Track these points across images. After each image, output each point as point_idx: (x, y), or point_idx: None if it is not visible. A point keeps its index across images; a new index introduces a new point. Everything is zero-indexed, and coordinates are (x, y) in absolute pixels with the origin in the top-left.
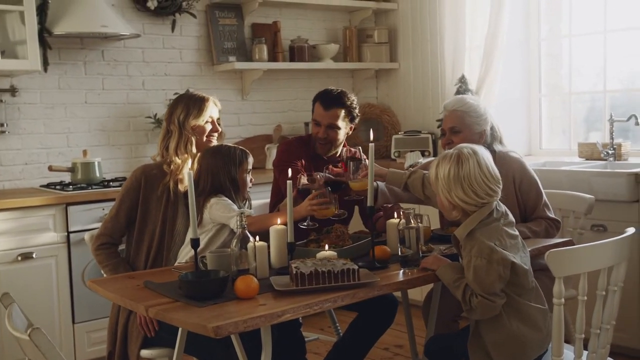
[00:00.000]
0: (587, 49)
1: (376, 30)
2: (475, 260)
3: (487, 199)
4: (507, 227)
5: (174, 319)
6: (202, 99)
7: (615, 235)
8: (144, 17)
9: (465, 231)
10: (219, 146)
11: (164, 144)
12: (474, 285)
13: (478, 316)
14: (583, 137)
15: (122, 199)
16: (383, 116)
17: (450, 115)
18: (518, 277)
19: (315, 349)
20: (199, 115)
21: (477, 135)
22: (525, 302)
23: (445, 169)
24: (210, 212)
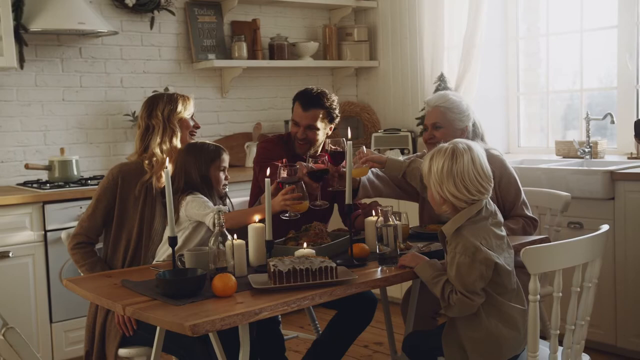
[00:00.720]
0: (564, 47)
1: (356, 29)
2: (459, 257)
3: (478, 195)
4: (495, 227)
5: (151, 318)
6: (183, 96)
7: (592, 233)
8: (122, 14)
9: (452, 227)
10: (193, 143)
11: (144, 142)
12: (455, 282)
13: (455, 313)
14: (561, 135)
15: (99, 198)
16: (363, 114)
17: (432, 111)
18: (500, 278)
19: (295, 346)
20: (184, 109)
21: (458, 131)
22: (506, 302)
23: (439, 163)
24: (187, 209)
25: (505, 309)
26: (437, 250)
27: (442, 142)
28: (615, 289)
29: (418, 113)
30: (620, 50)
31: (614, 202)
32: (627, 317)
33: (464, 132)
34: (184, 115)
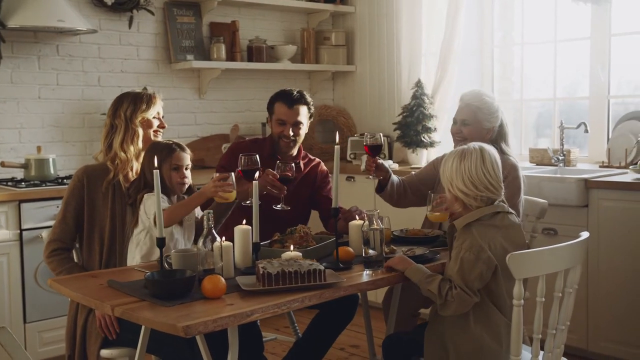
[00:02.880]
0: (538, 57)
1: (333, 33)
2: (464, 253)
3: (486, 192)
4: (506, 242)
5: (141, 319)
6: (149, 95)
7: (566, 239)
8: (101, 12)
9: (464, 222)
10: (153, 142)
11: (108, 141)
12: (456, 277)
13: (452, 311)
14: (532, 143)
15: (67, 201)
16: (339, 118)
17: (464, 107)
18: (497, 285)
19: (272, 349)
20: (148, 109)
21: (484, 130)
22: (496, 311)
23: (449, 163)
24: (145, 207)
25: (493, 319)
26: (421, 254)
27: (468, 139)
28: (588, 294)
29: (395, 118)
30: (592, 61)
31: (587, 210)
32: (599, 322)
33: (490, 132)
34: (147, 116)
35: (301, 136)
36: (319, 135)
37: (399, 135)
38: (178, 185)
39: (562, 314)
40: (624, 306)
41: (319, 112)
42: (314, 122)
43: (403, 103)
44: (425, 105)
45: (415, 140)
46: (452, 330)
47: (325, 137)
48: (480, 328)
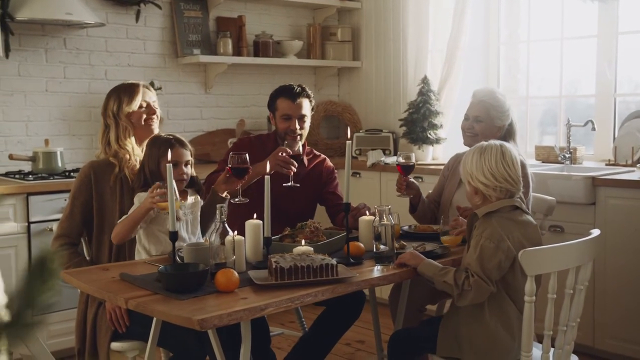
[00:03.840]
0: (544, 54)
1: (339, 29)
2: (485, 241)
3: (505, 184)
4: (523, 238)
5: (156, 312)
6: (131, 85)
7: (573, 237)
8: (108, 6)
9: (485, 210)
10: (154, 137)
11: (105, 140)
12: (475, 265)
13: (469, 300)
14: (537, 141)
15: (74, 196)
16: (344, 114)
17: (477, 104)
18: (514, 278)
19: (278, 343)
20: (131, 102)
21: (495, 128)
22: (511, 304)
23: (469, 158)
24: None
25: (507, 311)
26: (431, 250)
27: (479, 136)
28: (594, 292)
29: (400, 114)
30: (599, 59)
31: (594, 207)
32: (605, 319)
33: (500, 130)
34: (131, 109)
35: (306, 130)
36: (323, 131)
37: (405, 132)
38: (176, 181)
39: (573, 311)
40: (631, 303)
41: (325, 108)
42: (319, 118)
43: (409, 99)
44: (431, 101)
45: (421, 137)
46: (467, 321)
47: (330, 132)
48: (494, 321)
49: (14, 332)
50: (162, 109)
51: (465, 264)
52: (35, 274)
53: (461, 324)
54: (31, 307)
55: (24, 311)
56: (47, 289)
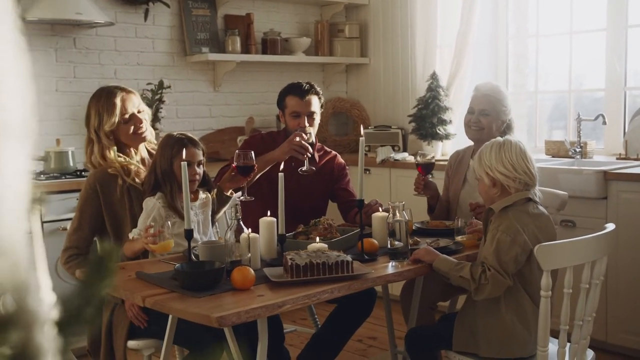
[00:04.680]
0: (553, 49)
1: (347, 25)
2: (501, 235)
3: (524, 177)
4: (537, 231)
5: (173, 309)
6: (109, 97)
7: (585, 231)
8: (117, 5)
9: (501, 205)
10: (167, 136)
11: (89, 151)
12: (491, 258)
13: (487, 293)
14: (546, 136)
15: (82, 209)
16: (353, 110)
17: (482, 97)
18: (530, 271)
19: (290, 340)
20: (110, 118)
21: (500, 122)
22: (527, 297)
23: (488, 150)
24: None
25: (523, 305)
26: (445, 246)
27: (485, 129)
28: (607, 286)
29: (409, 110)
30: (608, 53)
31: (606, 202)
32: (618, 314)
33: (503, 124)
34: (111, 127)
35: (315, 127)
36: (332, 128)
37: (414, 128)
38: (191, 182)
39: (589, 306)
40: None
41: (333, 105)
42: (327, 115)
43: (418, 95)
44: (440, 97)
45: (430, 133)
46: (483, 316)
47: (338, 129)
48: (510, 315)
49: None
50: (171, 107)
51: (482, 258)
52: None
53: (477, 318)
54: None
55: (82, 308)
56: (104, 286)
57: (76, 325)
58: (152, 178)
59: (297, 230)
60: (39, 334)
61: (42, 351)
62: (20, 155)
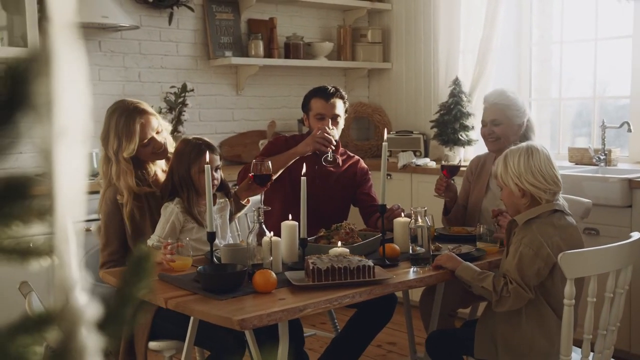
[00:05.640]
0: (577, 55)
1: (370, 30)
2: (524, 249)
3: (554, 186)
4: (562, 243)
5: (195, 311)
6: (128, 124)
7: (608, 240)
8: (142, 8)
9: (525, 217)
10: (183, 141)
11: (107, 171)
12: (514, 272)
13: (508, 306)
14: (569, 143)
15: (106, 225)
16: (374, 115)
17: (491, 108)
18: (553, 284)
19: (310, 344)
20: (129, 144)
21: (516, 127)
22: (549, 310)
23: (515, 159)
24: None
25: (546, 317)
26: (467, 252)
27: (502, 137)
28: (631, 295)
29: (431, 116)
30: (634, 60)
31: (631, 210)
32: None
33: (521, 127)
34: (130, 154)
35: (339, 130)
36: (354, 133)
37: (436, 133)
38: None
39: (613, 315)
40: None
41: (355, 110)
42: (349, 120)
43: (440, 101)
44: (462, 103)
45: (452, 139)
46: (503, 327)
47: (360, 134)
48: (532, 326)
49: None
50: (194, 111)
51: (504, 271)
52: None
53: (497, 327)
54: (128, 304)
55: (121, 309)
56: (143, 287)
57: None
58: (169, 184)
59: (319, 235)
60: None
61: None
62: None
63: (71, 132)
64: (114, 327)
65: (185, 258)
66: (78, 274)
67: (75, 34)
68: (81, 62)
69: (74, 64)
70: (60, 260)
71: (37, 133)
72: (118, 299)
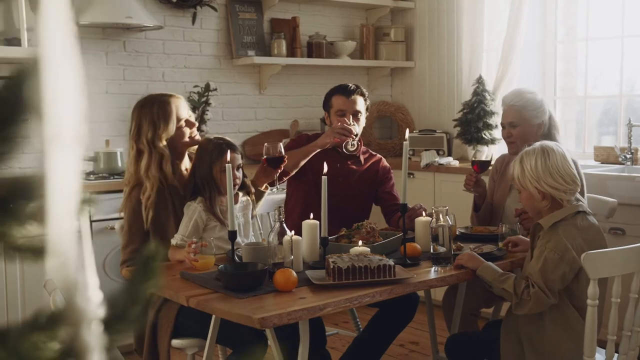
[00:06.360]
0: (603, 52)
1: (393, 29)
2: (549, 253)
3: (574, 186)
4: (585, 244)
5: (216, 310)
6: (163, 105)
7: (635, 239)
8: (166, 9)
9: (550, 221)
10: (204, 141)
11: (136, 166)
12: (537, 276)
13: (527, 310)
14: (595, 141)
15: (130, 223)
16: (397, 114)
17: (508, 110)
18: (579, 287)
19: (332, 343)
20: (167, 126)
21: (535, 127)
22: (575, 313)
23: (531, 161)
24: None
25: (571, 320)
26: (489, 252)
27: (519, 140)
28: None
29: (454, 114)
30: None
31: None
32: None
33: (541, 127)
34: (169, 135)
35: (360, 127)
36: (376, 131)
37: (459, 132)
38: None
39: (638, 316)
40: None
41: (377, 108)
42: (372, 119)
43: (463, 99)
44: (486, 101)
45: (475, 137)
46: (529, 328)
47: (383, 133)
48: (557, 328)
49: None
50: (217, 110)
51: (527, 274)
52: (139, 271)
53: (523, 329)
54: (135, 303)
55: (129, 308)
56: (150, 286)
57: (122, 324)
58: (191, 183)
59: (340, 234)
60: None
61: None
62: (70, 159)
63: (64, 136)
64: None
65: (208, 257)
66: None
67: (73, 34)
68: (77, 64)
69: (69, 66)
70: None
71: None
72: (126, 297)
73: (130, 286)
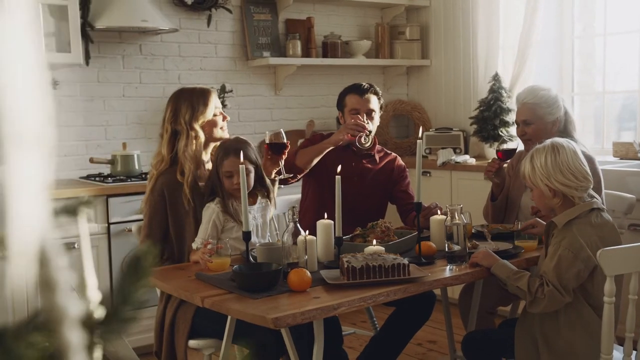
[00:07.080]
0: (621, 48)
1: (408, 27)
2: (563, 251)
3: (585, 182)
4: (600, 242)
5: (231, 310)
6: (203, 92)
7: None
8: (181, 11)
9: (565, 219)
10: (221, 143)
11: (169, 147)
12: (551, 274)
13: (541, 308)
14: (614, 137)
15: (151, 216)
16: (413, 113)
17: (521, 107)
18: (593, 285)
19: (349, 342)
20: (206, 110)
21: (549, 124)
22: (591, 311)
23: (541, 158)
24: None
25: (587, 318)
26: (504, 250)
27: (534, 137)
28: None
29: (471, 112)
30: None
31: None
32: None
33: (556, 123)
34: (206, 118)
35: (374, 126)
36: (392, 130)
37: (476, 130)
38: (233, 191)
39: None
40: None
41: (394, 107)
42: (388, 117)
43: (479, 97)
44: (502, 99)
45: (492, 135)
46: (544, 328)
47: (399, 132)
48: (571, 327)
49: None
50: (233, 111)
51: (542, 272)
52: (130, 271)
53: (538, 328)
54: (127, 303)
55: (120, 307)
56: (141, 285)
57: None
58: (210, 183)
59: (355, 233)
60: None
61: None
62: (34, 162)
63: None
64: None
65: (224, 258)
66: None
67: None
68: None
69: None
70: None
71: None
72: (117, 296)
73: (122, 286)
